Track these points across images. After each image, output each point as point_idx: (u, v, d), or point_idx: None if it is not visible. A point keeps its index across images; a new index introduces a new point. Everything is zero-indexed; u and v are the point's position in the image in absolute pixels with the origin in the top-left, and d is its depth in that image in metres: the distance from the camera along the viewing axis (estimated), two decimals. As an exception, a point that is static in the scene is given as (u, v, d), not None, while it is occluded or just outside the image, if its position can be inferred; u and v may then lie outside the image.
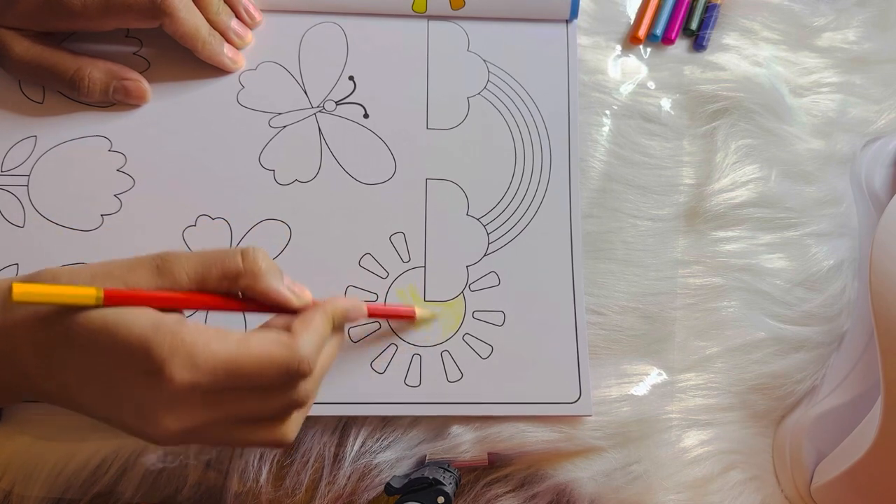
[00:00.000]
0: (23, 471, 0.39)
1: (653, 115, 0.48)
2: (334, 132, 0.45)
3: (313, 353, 0.32)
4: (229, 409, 0.31)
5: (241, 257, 0.32)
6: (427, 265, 0.43)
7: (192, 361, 0.29)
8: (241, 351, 0.30)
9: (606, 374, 0.43)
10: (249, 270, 0.32)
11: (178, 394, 0.29)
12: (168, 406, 0.30)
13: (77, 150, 0.43)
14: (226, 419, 0.31)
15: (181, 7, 0.41)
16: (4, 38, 0.41)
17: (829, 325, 0.45)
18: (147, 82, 0.44)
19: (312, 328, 0.32)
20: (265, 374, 0.30)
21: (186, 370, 0.29)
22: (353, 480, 0.41)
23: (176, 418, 0.30)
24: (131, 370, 0.29)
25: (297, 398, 0.32)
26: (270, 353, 0.30)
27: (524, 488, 0.42)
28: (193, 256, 0.32)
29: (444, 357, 0.42)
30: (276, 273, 0.33)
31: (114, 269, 0.31)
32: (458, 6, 0.47)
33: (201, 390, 0.30)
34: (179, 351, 0.29)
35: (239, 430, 0.32)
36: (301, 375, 0.31)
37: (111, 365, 0.30)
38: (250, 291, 0.33)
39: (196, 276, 0.32)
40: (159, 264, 0.31)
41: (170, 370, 0.29)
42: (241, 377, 0.30)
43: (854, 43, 0.51)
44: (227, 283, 0.32)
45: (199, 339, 0.29)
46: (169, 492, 0.41)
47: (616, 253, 0.45)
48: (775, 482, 0.44)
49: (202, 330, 0.30)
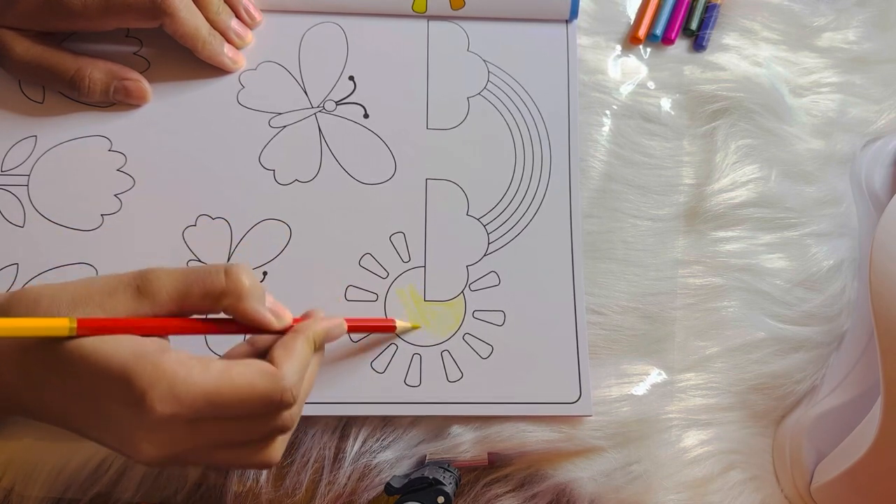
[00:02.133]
0: (23, 471, 0.39)
1: (653, 115, 0.48)
2: (334, 132, 0.45)
3: (297, 382, 0.31)
4: (211, 436, 0.31)
5: (225, 275, 0.32)
6: (427, 265, 0.43)
7: (173, 393, 0.29)
8: (223, 382, 0.30)
9: (606, 374, 0.43)
10: (233, 289, 0.32)
11: (159, 424, 0.29)
12: (149, 435, 0.29)
13: (77, 149, 0.43)
14: (208, 445, 0.31)
15: (181, 7, 0.41)
16: (5, 38, 0.41)
17: (828, 325, 0.45)
18: (147, 82, 0.44)
19: (295, 356, 0.32)
20: (248, 404, 0.30)
21: (167, 402, 0.28)
22: (353, 480, 0.41)
23: (157, 446, 0.30)
24: (112, 398, 0.29)
25: (280, 425, 0.32)
26: (253, 385, 0.30)
27: (524, 488, 0.42)
28: (175, 274, 0.31)
29: (444, 357, 0.42)
30: (258, 293, 0.33)
31: (94, 293, 0.30)
32: (458, 6, 0.47)
33: (183, 420, 0.29)
34: (160, 382, 0.28)
35: (222, 454, 0.32)
36: (285, 405, 0.31)
37: (91, 392, 0.29)
38: (232, 311, 0.32)
39: (177, 295, 0.31)
40: (139, 285, 0.31)
41: (150, 401, 0.28)
42: (222, 408, 0.30)
43: (854, 43, 0.51)
44: (210, 301, 0.32)
45: (181, 370, 0.29)
46: (169, 492, 0.41)
47: (616, 253, 0.45)
48: (775, 482, 0.44)
49: (184, 360, 0.29)
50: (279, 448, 0.33)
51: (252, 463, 0.33)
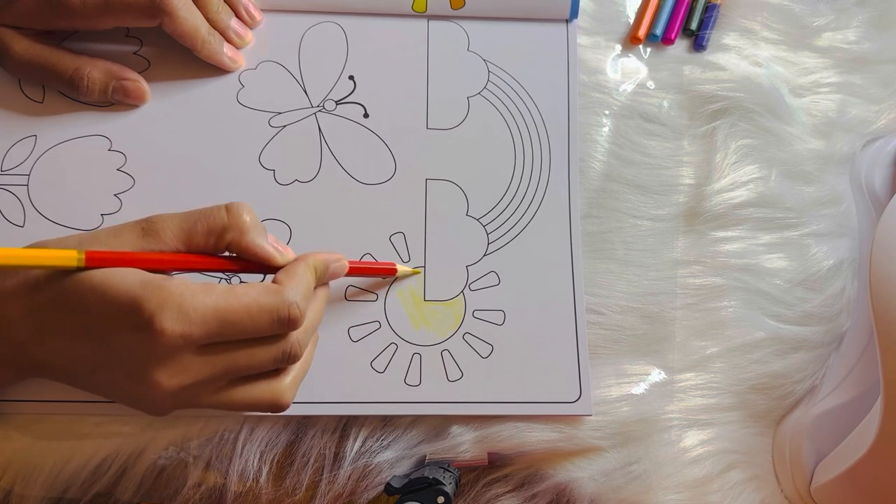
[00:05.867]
0: (23, 471, 0.39)
1: (653, 115, 0.48)
2: (334, 132, 0.45)
3: (301, 299, 0.32)
4: (223, 362, 0.31)
5: (226, 212, 0.33)
6: (427, 265, 0.43)
7: (182, 312, 0.29)
8: (229, 299, 0.30)
9: (606, 373, 0.43)
10: (234, 224, 0.33)
11: (170, 347, 0.29)
12: (161, 361, 0.30)
13: (77, 149, 0.43)
14: (219, 375, 0.31)
15: (180, 6, 0.41)
16: (4, 37, 0.41)
17: (828, 325, 0.45)
18: (146, 82, 0.44)
19: (297, 277, 0.33)
20: (255, 320, 0.31)
21: (177, 322, 0.29)
22: (353, 480, 0.41)
23: (170, 374, 0.30)
24: (122, 328, 0.30)
25: (289, 348, 0.32)
26: (259, 300, 0.31)
27: (524, 488, 0.42)
28: (178, 215, 0.33)
29: (444, 356, 0.42)
30: (260, 229, 0.34)
31: (100, 235, 0.32)
32: (458, 6, 0.47)
33: (194, 342, 0.30)
34: (168, 303, 0.29)
35: (235, 390, 0.32)
36: (291, 320, 0.31)
37: (102, 325, 0.30)
38: (235, 246, 0.33)
39: (182, 234, 0.32)
40: (144, 227, 0.32)
41: (160, 323, 0.29)
42: (231, 325, 0.30)
43: (854, 43, 0.51)
44: (214, 238, 0.33)
45: (187, 291, 0.30)
46: (169, 492, 0.41)
47: (616, 253, 0.45)
48: (775, 482, 0.44)
49: (189, 283, 0.30)
50: (291, 385, 0.34)
51: (264, 399, 0.33)
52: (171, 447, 0.40)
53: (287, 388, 0.34)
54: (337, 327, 0.42)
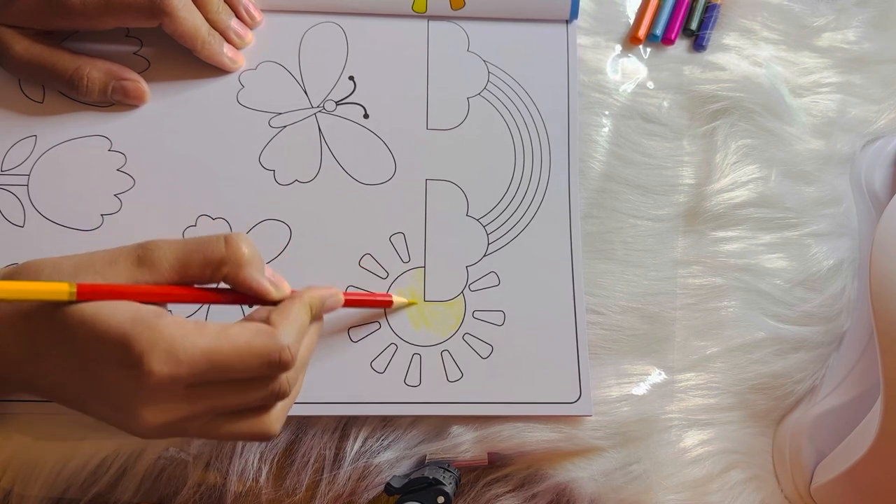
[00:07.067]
0: (23, 471, 0.39)
1: (652, 115, 0.48)
2: (334, 132, 0.45)
3: (294, 341, 0.31)
4: (211, 401, 0.31)
5: (224, 244, 0.32)
6: (427, 265, 0.43)
7: (172, 354, 0.29)
8: (220, 342, 0.30)
9: (606, 374, 0.43)
10: (232, 258, 0.32)
11: (158, 387, 0.29)
12: (148, 400, 0.29)
13: (77, 149, 0.43)
14: (207, 412, 0.31)
15: (180, 6, 0.41)
16: (4, 37, 0.41)
17: (828, 325, 0.45)
18: (146, 83, 0.44)
19: (291, 318, 0.32)
20: (246, 363, 0.30)
21: (165, 363, 0.29)
22: (353, 480, 0.41)
23: (156, 412, 0.30)
24: (111, 363, 0.29)
25: (279, 388, 0.32)
26: (250, 343, 0.30)
27: (524, 488, 0.42)
28: (175, 244, 0.32)
29: (444, 357, 0.42)
30: (258, 263, 0.33)
31: (95, 262, 0.31)
32: (458, 6, 0.47)
33: (182, 383, 0.29)
34: (158, 344, 0.29)
35: (221, 424, 0.32)
36: (283, 364, 0.31)
37: (90, 358, 0.29)
38: (231, 279, 0.32)
39: (178, 264, 0.32)
40: (140, 255, 0.31)
41: (149, 363, 0.28)
42: (221, 368, 0.30)
43: (854, 43, 0.51)
44: (210, 270, 0.32)
45: (178, 332, 0.29)
46: (169, 492, 0.41)
47: (616, 253, 0.45)
48: (775, 482, 0.44)
49: (181, 322, 0.30)
50: (279, 418, 0.33)
51: (252, 433, 0.32)
52: (170, 447, 0.40)
53: (274, 420, 0.33)
54: (337, 328, 0.42)
